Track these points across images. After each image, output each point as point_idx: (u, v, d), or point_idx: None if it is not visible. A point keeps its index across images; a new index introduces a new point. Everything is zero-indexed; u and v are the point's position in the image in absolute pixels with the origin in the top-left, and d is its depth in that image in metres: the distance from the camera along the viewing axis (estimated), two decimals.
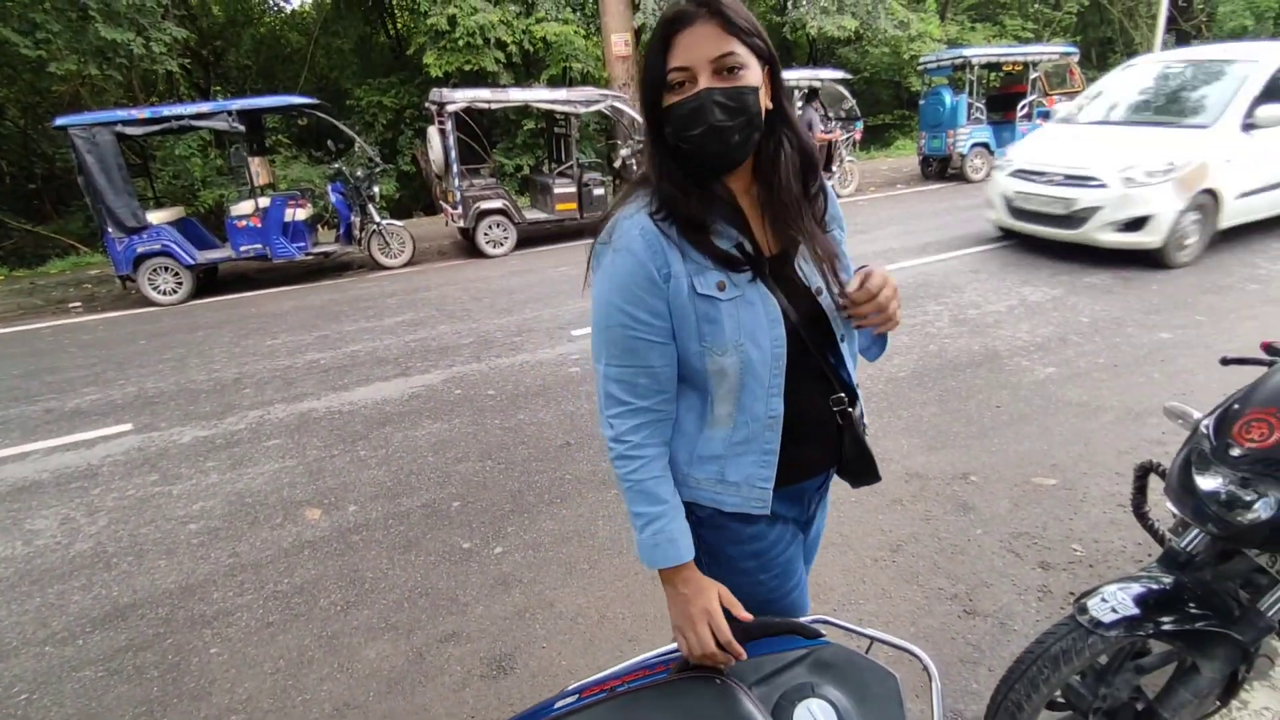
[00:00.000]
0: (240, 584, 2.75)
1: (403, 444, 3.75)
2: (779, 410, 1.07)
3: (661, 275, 1.01)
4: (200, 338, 6.08)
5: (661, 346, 1.04)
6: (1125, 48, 19.32)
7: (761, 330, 1.03)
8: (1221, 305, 4.73)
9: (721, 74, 0.96)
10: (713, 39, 0.95)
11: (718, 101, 0.95)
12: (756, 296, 1.04)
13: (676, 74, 0.96)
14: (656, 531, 1.05)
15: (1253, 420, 1.39)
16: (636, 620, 2.38)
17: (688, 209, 1.02)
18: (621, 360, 1.05)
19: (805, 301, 1.09)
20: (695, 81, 0.96)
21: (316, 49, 14.63)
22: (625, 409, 1.07)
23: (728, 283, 1.02)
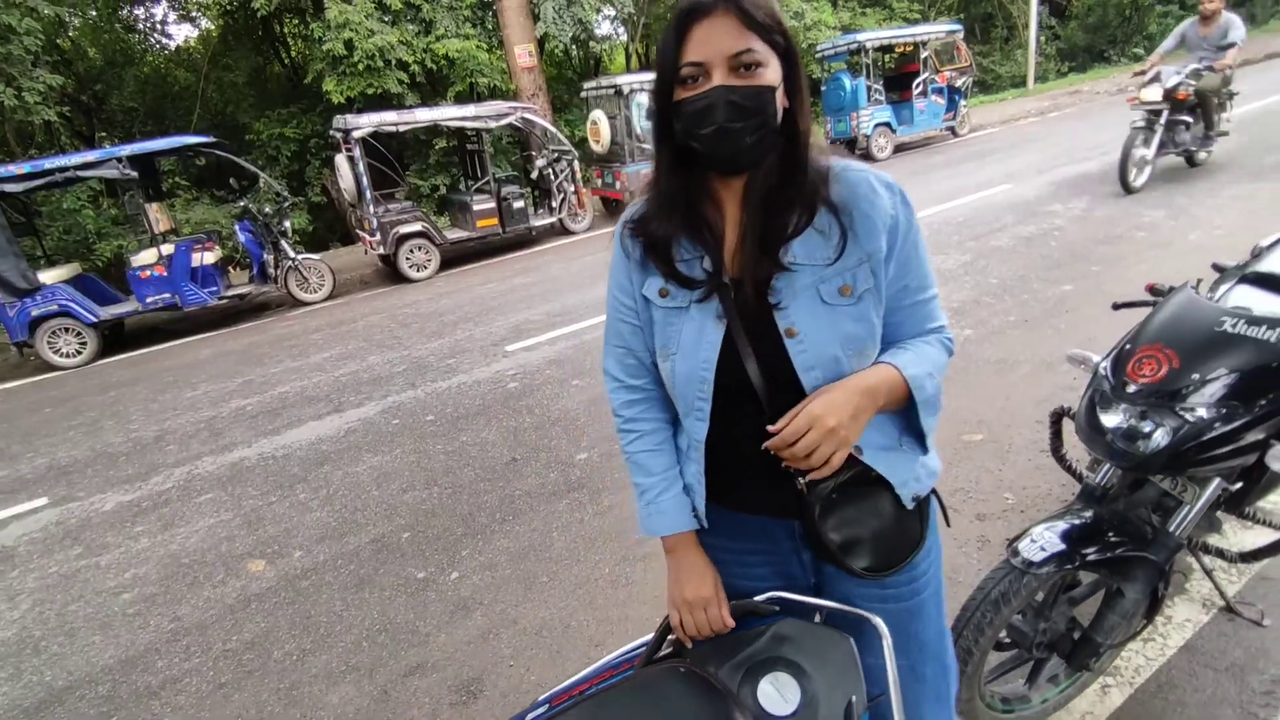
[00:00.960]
0: (186, 648, 2.62)
1: (344, 481, 3.64)
2: (700, 435, 1.04)
3: (630, 261, 1.06)
4: (112, 398, 5.74)
5: (640, 330, 1.07)
6: (1005, 21, 20.49)
7: (691, 348, 1.01)
8: (1113, 254, 5.08)
9: (738, 71, 0.89)
10: (730, 33, 0.89)
11: (731, 101, 0.89)
12: (700, 314, 1.00)
13: (690, 69, 0.91)
14: (648, 502, 1.09)
15: (1143, 357, 1.51)
16: (601, 625, 2.39)
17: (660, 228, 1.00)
18: (614, 340, 1.12)
19: (772, 342, 0.97)
20: (709, 77, 0.90)
21: (207, 85, 14.01)
22: (620, 385, 1.13)
23: (672, 291, 1.02)
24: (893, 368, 0.97)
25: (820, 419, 0.91)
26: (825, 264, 0.96)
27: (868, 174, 0.99)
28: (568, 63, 17.41)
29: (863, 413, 0.94)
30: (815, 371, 0.96)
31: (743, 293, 0.97)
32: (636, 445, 1.11)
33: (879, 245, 0.96)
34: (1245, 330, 1.42)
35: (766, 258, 0.96)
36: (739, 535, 1.12)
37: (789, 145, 0.96)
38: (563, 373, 4.61)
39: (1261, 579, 2.11)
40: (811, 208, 0.96)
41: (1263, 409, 1.41)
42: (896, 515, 1.02)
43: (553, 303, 6.27)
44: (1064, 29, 20.20)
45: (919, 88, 11.59)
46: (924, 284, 1.02)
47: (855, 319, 0.96)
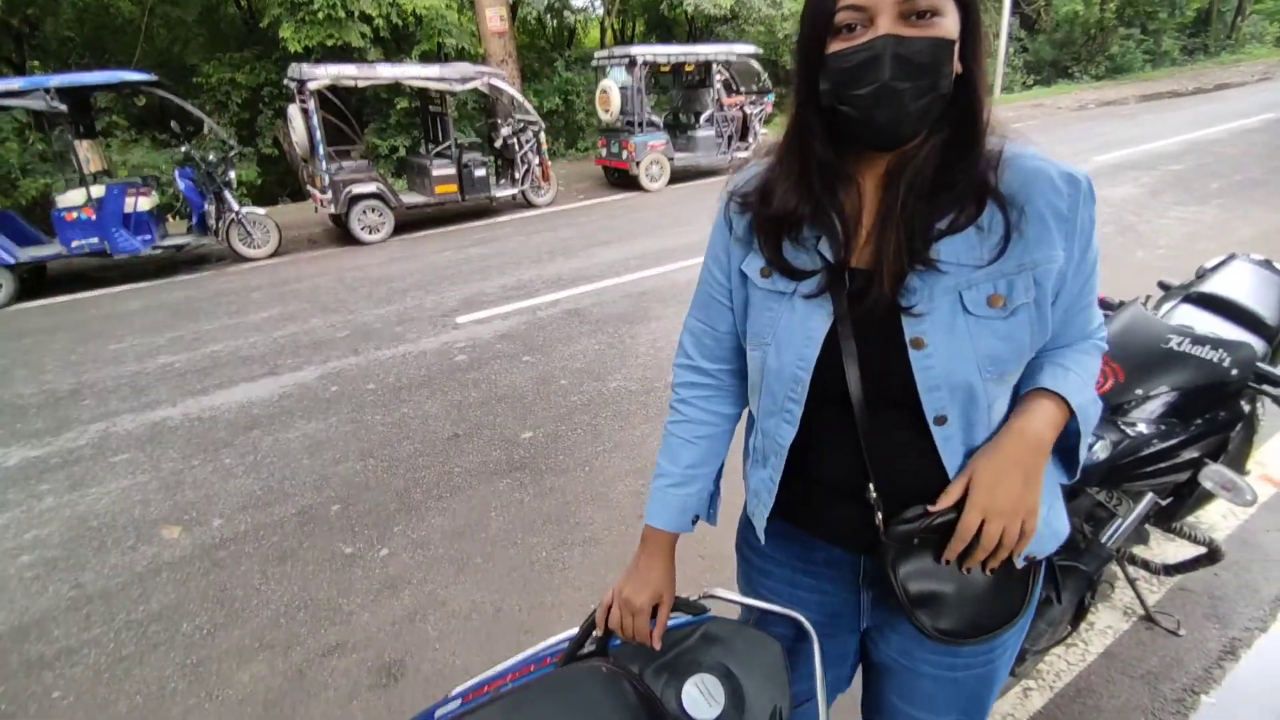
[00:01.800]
0: (86, 617, 2.45)
1: (273, 448, 3.48)
2: (786, 439, 0.90)
3: (731, 233, 0.94)
4: (27, 345, 5.37)
5: (729, 311, 0.96)
6: None
7: (790, 342, 0.87)
8: None
9: (909, 19, 0.73)
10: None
11: (898, 55, 0.72)
12: (805, 304, 0.86)
13: (848, 13, 0.74)
14: (658, 489, 1.02)
15: None
16: (534, 611, 2.32)
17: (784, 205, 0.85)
18: (698, 314, 1.01)
19: (890, 351, 0.82)
20: (872, 25, 0.73)
21: (153, 19, 13.16)
22: (689, 364, 1.03)
23: (775, 274, 0.88)
24: (1057, 399, 0.82)
25: (991, 508, 0.78)
26: (976, 265, 0.79)
27: (1049, 165, 0.81)
28: (541, 32, 16.98)
29: (1035, 473, 0.80)
30: (940, 393, 0.80)
31: (870, 289, 0.81)
32: (678, 429, 1.03)
33: (1051, 254, 0.79)
34: (1190, 349, 1.42)
35: (911, 252, 0.79)
36: (797, 556, 1.01)
37: (961, 119, 0.79)
38: (514, 348, 4.49)
39: (1180, 590, 2.17)
40: (979, 200, 0.79)
41: (1199, 427, 1.42)
42: (998, 576, 0.86)
43: (509, 276, 6.12)
44: (1032, 42, 20.63)
45: None
46: (1093, 293, 0.87)
47: (1003, 336, 0.79)
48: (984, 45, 0.79)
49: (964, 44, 0.77)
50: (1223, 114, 11.57)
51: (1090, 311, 0.89)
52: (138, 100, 10.97)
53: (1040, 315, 0.81)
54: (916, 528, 0.83)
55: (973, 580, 0.86)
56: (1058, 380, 0.84)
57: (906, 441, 0.85)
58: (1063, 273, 0.81)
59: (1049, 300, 0.81)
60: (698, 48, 10.75)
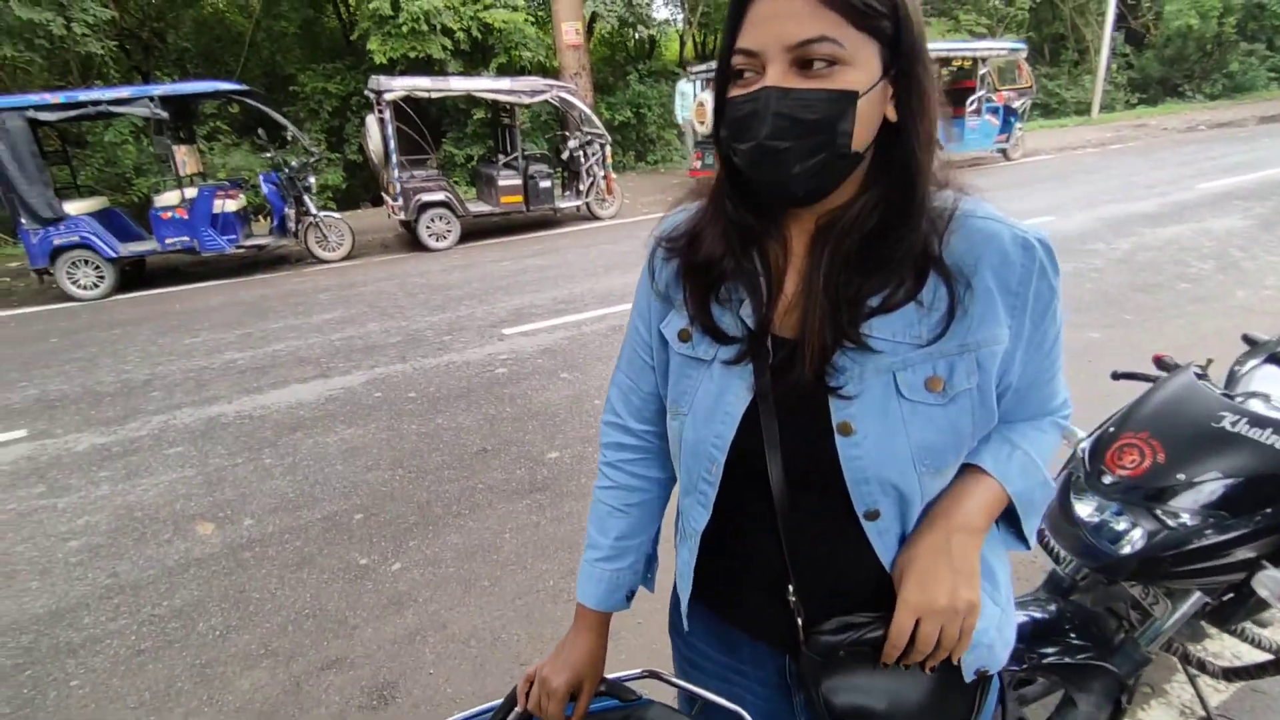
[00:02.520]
0: (115, 607, 2.56)
1: (311, 451, 3.57)
2: (699, 524, 0.82)
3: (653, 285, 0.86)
4: (116, 335, 5.77)
5: (652, 370, 0.88)
6: (1076, 44, 19.70)
7: (704, 415, 0.78)
8: (1151, 304, 4.78)
9: (803, 67, 0.64)
10: (796, 15, 0.62)
11: (779, 111, 0.64)
12: (723, 374, 0.76)
13: (740, 58, 0.67)
14: (587, 561, 0.93)
15: (1125, 445, 1.32)
16: (532, 642, 2.26)
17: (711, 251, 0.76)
18: (625, 370, 0.93)
19: (816, 434, 0.72)
20: (761, 73, 0.65)
21: (259, 32, 14.07)
22: (616, 423, 0.94)
23: (695, 337, 0.79)
24: (994, 483, 0.74)
25: (925, 607, 0.71)
26: (914, 345, 0.70)
27: (1002, 228, 0.71)
28: (619, 44, 17.17)
29: (969, 560, 0.72)
30: (870, 486, 0.71)
31: (792, 363, 0.72)
32: (606, 495, 0.94)
33: (996, 333, 0.70)
34: (1247, 431, 1.22)
35: (838, 326, 0.70)
36: (725, 649, 0.92)
37: (898, 175, 0.69)
38: (554, 363, 4.48)
39: (1251, 690, 1.90)
40: (920, 272, 0.69)
41: (1257, 524, 1.22)
42: (933, 690, 0.77)
43: (561, 289, 6.14)
44: (1139, 58, 19.36)
45: (973, 105, 11.17)
46: (1054, 369, 0.78)
47: (941, 425, 0.71)
48: (930, 91, 0.68)
49: (900, 89, 0.67)
50: None
51: (1051, 388, 0.80)
52: (231, 108, 11.71)
53: (984, 402, 0.72)
54: (842, 640, 0.74)
55: (907, 695, 0.76)
56: (999, 461, 0.76)
57: (834, 534, 0.76)
58: (1010, 354, 0.72)
59: (993, 385, 0.72)
60: None
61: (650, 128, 14.03)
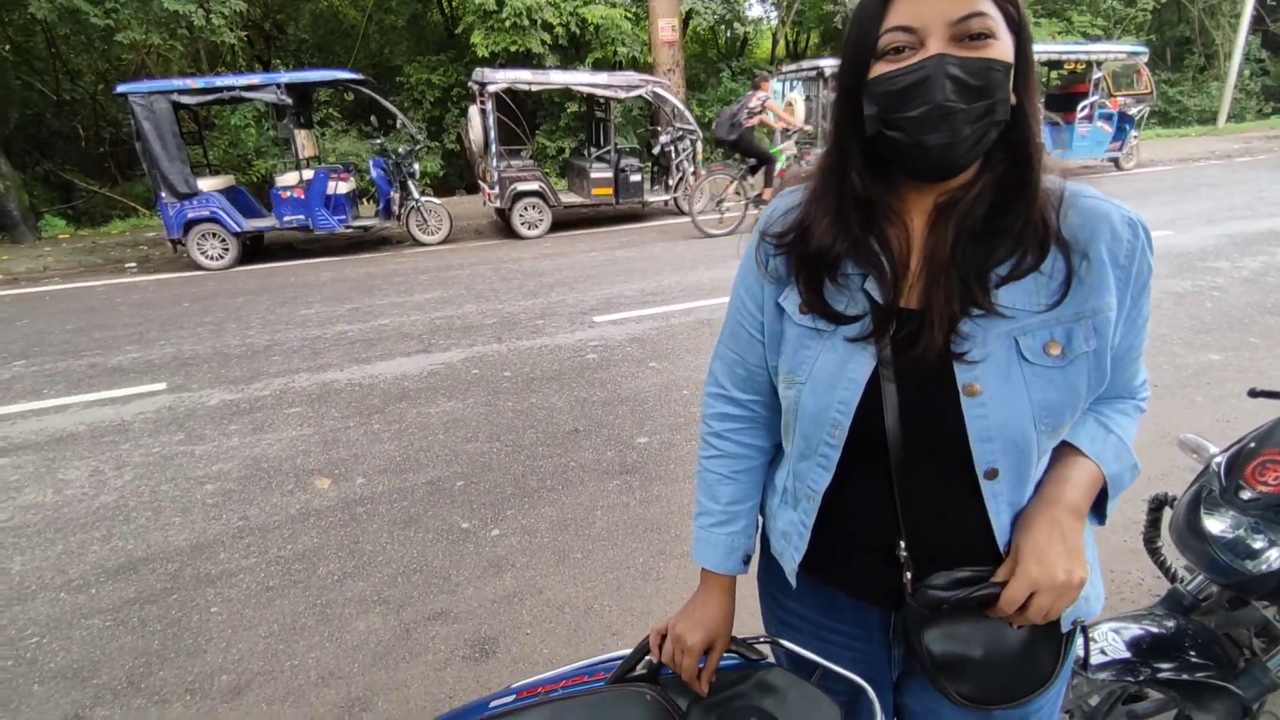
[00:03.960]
0: (246, 546, 2.82)
1: (416, 420, 3.80)
2: (821, 485, 0.86)
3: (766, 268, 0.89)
4: (240, 303, 6.25)
5: (760, 344, 0.91)
6: (1204, 49, 18.31)
7: (826, 383, 0.81)
8: (1279, 328, 4.46)
9: (962, 41, 0.69)
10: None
11: (953, 75, 0.68)
12: (846, 348, 0.80)
13: (896, 34, 0.70)
14: (702, 528, 0.98)
15: (1268, 461, 1.28)
16: (623, 614, 2.36)
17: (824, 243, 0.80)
18: (729, 343, 0.96)
19: (938, 397, 0.77)
20: (922, 46, 0.70)
21: (370, 25, 14.82)
22: (721, 394, 0.98)
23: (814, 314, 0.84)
24: (1093, 466, 0.80)
25: (1041, 581, 0.75)
26: (1034, 311, 0.75)
27: (1110, 206, 0.77)
28: (713, 41, 17.14)
29: (1078, 539, 0.78)
30: (993, 444, 0.76)
31: (920, 333, 0.77)
32: (714, 464, 0.98)
33: (1109, 301, 0.75)
34: None
35: (968, 295, 0.75)
36: (825, 611, 0.98)
37: (1017, 154, 0.75)
38: (643, 352, 4.59)
39: None
40: (1043, 244, 0.75)
41: None
42: (1029, 641, 0.82)
43: (649, 280, 6.25)
44: (1276, 64, 17.82)
45: (1085, 110, 10.58)
46: (1142, 345, 0.84)
47: (1060, 386, 0.75)
48: (1034, 78, 0.75)
49: (1020, 73, 0.73)
50: None
51: (1138, 365, 0.85)
52: (346, 96, 12.39)
53: (1099, 365, 0.77)
54: (950, 597, 0.79)
55: (1003, 643, 0.82)
56: (1096, 444, 0.82)
57: (945, 495, 0.81)
58: (1114, 322, 0.77)
59: (1108, 349, 0.77)
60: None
61: None
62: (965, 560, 0.81)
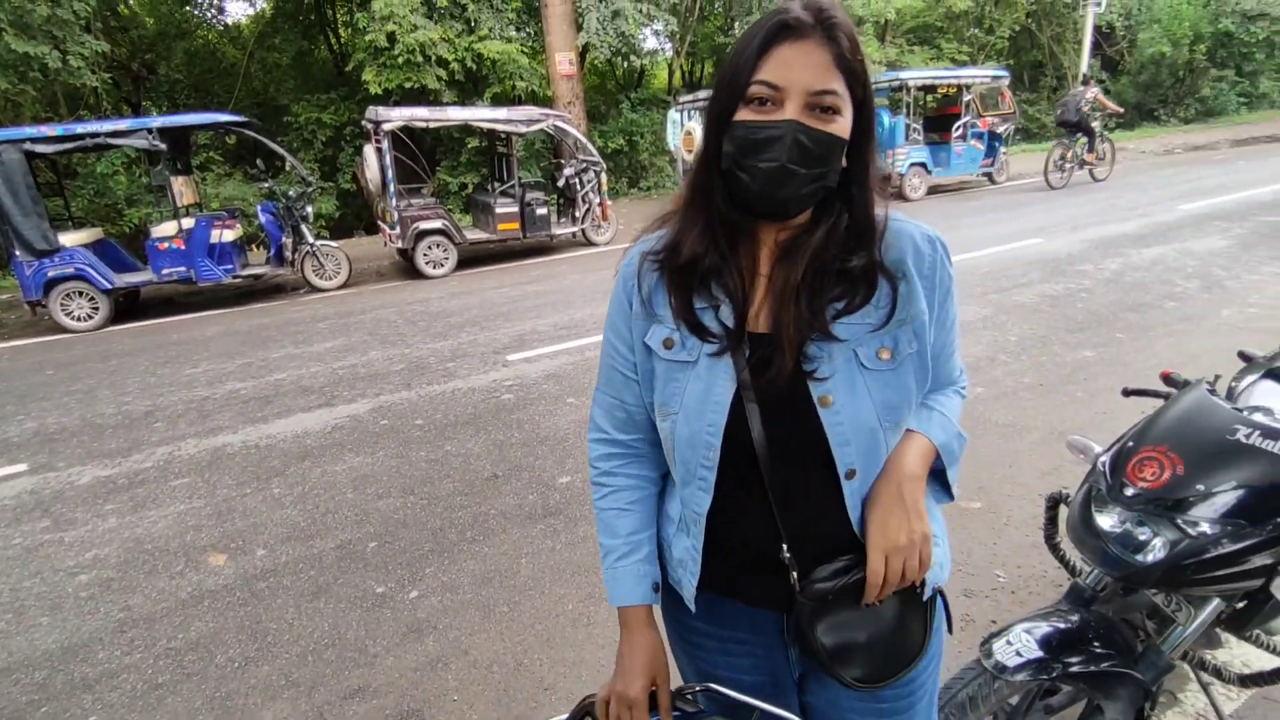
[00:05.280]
0: (130, 641, 2.54)
1: (321, 480, 3.57)
2: (702, 507, 0.93)
3: (631, 309, 0.96)
4: (114, 367, 5.75)
5: (635, 383, 0.97)
6: (1055, 71, 20.25)
7: (695, 409, 0.89)
8: (1141, 323, 4.90)
9: (814, 112, 0.79)
10: (818, 67, 0.78)
11: (800, 142, 0.79)
12: (709, 372, 0.89)
13: (763, 88, 0.79)
14: (608, 567, 1.00)
15: (1145, 458, 1.38)
16: (555, 666, 2.27)
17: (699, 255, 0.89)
18: (605, 389, 1.02)
19: (797, 410, 0.87)
20: (781, 106, 0.79)
21: (251, 63, 14.22)
22: (604, 438, 1.03)
23: (678, 343, 0.91)
24: (922, 438, 0.92)
25: (889, 546, 0.87)
26: (870, 330, 0.88)
27: (912, 227, 0.92)
28: (610, 74, 17.47)
29: (918, 501, 0.89)
30: (850, 447, 0.87)
31: (773, 356, 0.87)
32: (608, 501, 1.01)
33: (923, 307, 0.89)
34: (1260, 443, 1.28)
35: (811, 324, 0.86)
36: (724, 623, 1.02)
37: (855, 208, 0.87)
38: (560, 388, 4.52)
39: (1264, 698, 1.95)
40: (871, 281, 0.88)
41: (1272, 531, 1.27)
42: (899, 616, 0.93)
43: (562, 314, 6.20)
44: (1114, 84, 19.92)
45: (959, 131, 11.44)
46: (954, 344, 0.97)
47: (895, 385, 0.88)
48: (874, 146, 0.87)
49: (857, 144, 0.84)
50: None
51: (953, 361, 0.99)
52: (228, 139, 11.79)
53: (922, 363, 0.90)
54: (832, 586, 0.88)
55: (881, 623, 0.92)
56: (922, 421, 0.94)
57: (812, 496, 0.90)
58: (928, 325, 0.90)
59: (928, 348, 0.90)
60: None
61: (642, 155, 14.24)
62: (840, 553, 0.91)
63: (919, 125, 11.35)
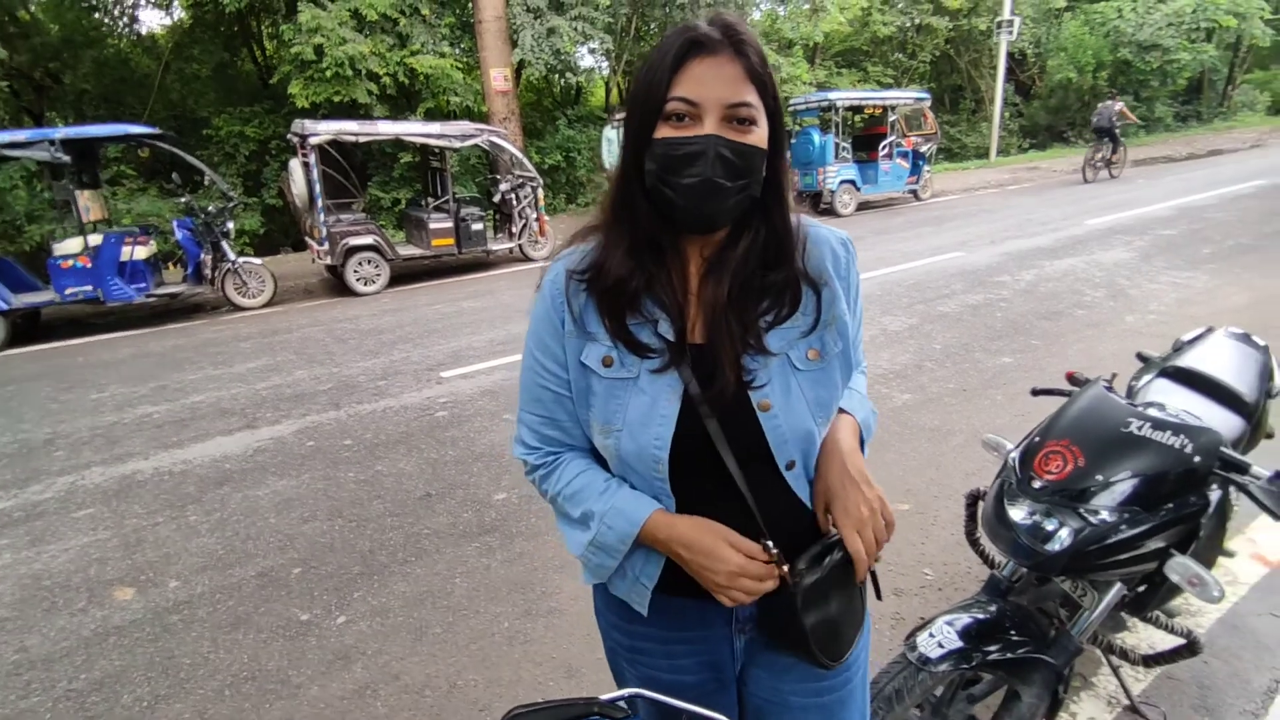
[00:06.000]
0: (25, 684, 2.34)
1: (241, 505, 3.40)
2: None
3: (564, 326, 0.93)
4: (10, 393, 5.35)
5: (568, 401, 0.94)
6: (973, 94, 21.39)
7: (641, 424, 0.88)
8: (1054, 330, 5.18)
9: (732, 124, 0.81)
10: (731, 81, 0.81)
11: (722, 155, 0.80)
12: (652, 386, 0.89)
13: (680, 104, 0.81)
14: (605, 507, 0.91)
15: (1050, 452, 1.45)
16: (490, 687, 2.21)
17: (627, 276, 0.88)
18: (532, 408, 0.98)
19: (740, 416, 0.89)
20: (699, 122, 0.81)
21: (168, 74, 13.62)
22: (534, 448, 1.00)
23: (617, 360, 0.90)
24: (851, 417, 0.97)
25: (859, 519, 0.89)
26: (799, 335, 0.92)
27: (828, 232, 0.96)
28: (547, 90, 17.49)
29: (862, 470, 0.93)
30: (789, 446, 0.90)
31: (714, 369, 0.88)
32: (564, 476, 0.96)
33: (844, 307, 0.94)
34: (1150, 434, 1.37)
35: (744, 340, 0.88)
36: (671, 623, 1.00)
37: (772, 221, 0.89)
38: (496, 405, 4.45)
39: (1168, 678, 2.06)
40: (796, 294, 0.91)
41: (1164, 516, 1.36)
42: (857, 592, 0.97)
43: (498, 330, 6.12)
44: (1027, 107, 21.17)
45: (885, 150, 11.93)
46: (860, 333, 1.02)
47: (825, 382, 0.93)
48: (786, 159, 0.90)
49: (770, 156, 0.86)
50: (1216, 179, 11.75)
51: (860, 349, 1.04)
52: (141, 152, 11.23)
53: (846, 360, 0.95)
54: (820, 575, 0.90)
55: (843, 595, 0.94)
56: (848, 403, 0.99)
57: (771, 488, 0.92)
58: (848, 324, 0.95)
59: (850, 345, 0.95)
60: None
61: (580, 171, 14.28)
62: (805, 534, 0.94)
63: (848, 144, 11.78)
